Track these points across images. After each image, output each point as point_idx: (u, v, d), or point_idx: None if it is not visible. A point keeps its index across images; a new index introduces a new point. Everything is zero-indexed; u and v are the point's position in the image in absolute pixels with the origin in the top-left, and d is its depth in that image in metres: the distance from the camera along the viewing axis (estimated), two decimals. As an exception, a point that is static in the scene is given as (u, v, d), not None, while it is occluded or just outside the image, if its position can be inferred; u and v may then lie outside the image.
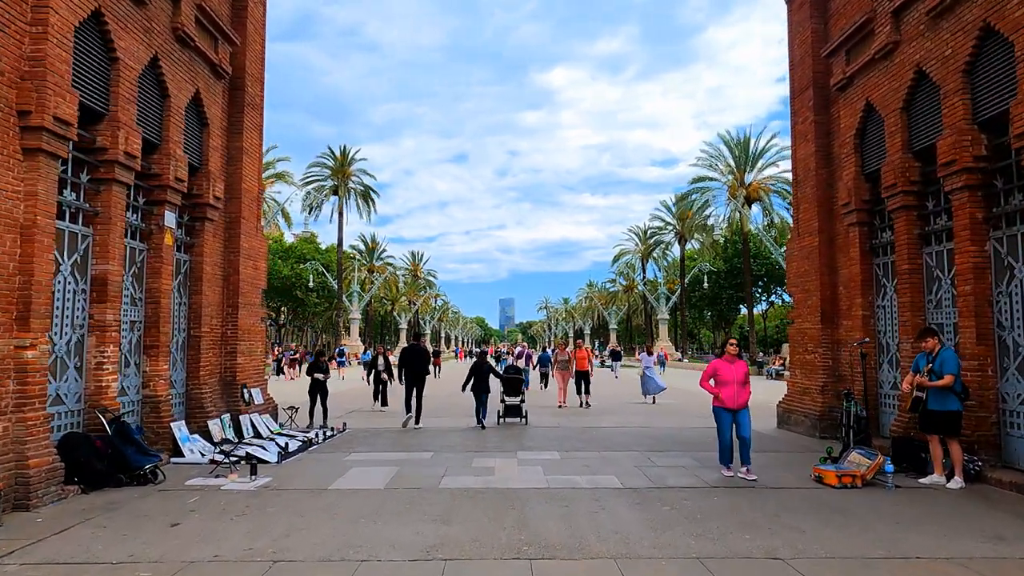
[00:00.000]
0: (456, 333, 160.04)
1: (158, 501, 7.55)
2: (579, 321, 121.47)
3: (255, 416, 12.93)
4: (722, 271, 71.52)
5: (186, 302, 11.66)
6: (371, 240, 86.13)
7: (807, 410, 13.17)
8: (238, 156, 13.16)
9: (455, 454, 10.78)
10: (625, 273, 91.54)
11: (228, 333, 12.90)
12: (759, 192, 46.90)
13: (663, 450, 11.11)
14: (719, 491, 8.09)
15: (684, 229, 64.67)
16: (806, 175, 13.65)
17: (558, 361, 19.89)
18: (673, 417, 16.32)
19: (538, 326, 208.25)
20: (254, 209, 13.79)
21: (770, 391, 26.08)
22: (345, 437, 12.80)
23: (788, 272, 14.62)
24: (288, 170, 49.19)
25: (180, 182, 10.60)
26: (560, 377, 19.38)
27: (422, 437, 12.71)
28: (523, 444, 11.85)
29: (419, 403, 14.16)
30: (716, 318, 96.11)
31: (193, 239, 11.78)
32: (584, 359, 19.45)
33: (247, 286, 13.36)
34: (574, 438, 12.59)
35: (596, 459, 10.24)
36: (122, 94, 9.02)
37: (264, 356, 14.45)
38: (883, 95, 11.01)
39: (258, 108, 14.02)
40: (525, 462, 9.99)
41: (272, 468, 9.62)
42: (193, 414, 11.51)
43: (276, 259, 75.47)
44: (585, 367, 19.29)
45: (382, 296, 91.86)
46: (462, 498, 7.67)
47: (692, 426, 14.45)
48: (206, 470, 9.25)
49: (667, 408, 18.87)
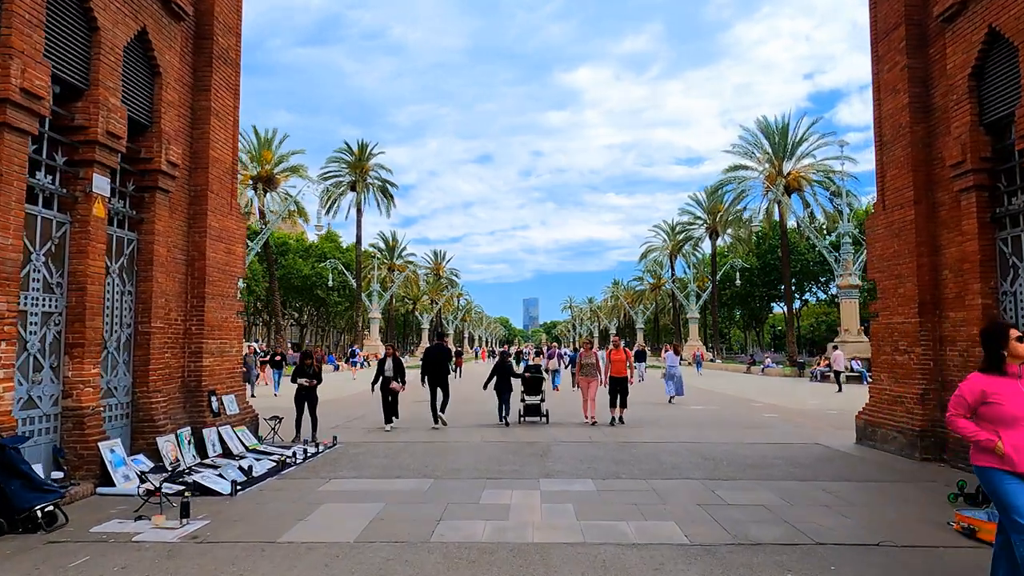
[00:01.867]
0: (480, 333, 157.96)
1: (30, 564, 5.33)
2: (604, 321, 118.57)
3: (226, 430, 10.74)
4: (755, 268, 68.37)
5: (132, 291, 9.49)
6: (392, 238, 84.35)
7: (900, 424, 10.61)
8: (204, 118, 10.99)
9: (461, 482, 8.44)
10: (653, 271, 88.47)
11: (192, 329, 10.73)
12: (799, 181, 43.87)
13: (729, 477, 8.65)
14: (831, 552, 5.62)
15: (716, 223, 61.76)
16: (896, 134, 11.08)
17: (582, 365, 15.33)
18: (725, 430, 13.80)
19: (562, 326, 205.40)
20: (227, 183, 11.60)
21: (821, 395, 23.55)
22: (331, 455, 10.54)
23: (870, 255, 12.04)
24: (303, 163, 47.37)
25: (115, 139, 8.41)
26: (586, 387, 14.97)
27: (424, 456, 10.40)
28: (547, 467, 9.47)
29: (445, 398, 14.27)
30: (747, 317, 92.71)
31: (142, 214, 9.60)
32: (622, 362, 14.88)
33: (217, 273, 11.19)
34: (610, 458, 10.18)
35: (644, 492, 7.82)
36: (16, 13, 6.84)
37: (241, 357, 12.27)
38: (1018, 15, 8.43)
39: (232, 64, 11.84)
40: (551, 496, 7.62)
41: (220, 503, 7.39)
42: (140, 429, 9.34)
43: (296, 258, 74.27)
44: (623, 372, 14.78)
45: (403, 296, 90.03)
46: (460, 564, 5.33)
47: (751, 441, 11.96)
48: (135, 505, 7.05)
49: (713, 417, 16.34)
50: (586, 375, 15.17)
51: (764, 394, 24.65)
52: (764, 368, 43.24)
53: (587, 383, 15.04)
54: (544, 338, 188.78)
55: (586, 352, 15.84)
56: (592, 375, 15.05)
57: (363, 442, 11.87)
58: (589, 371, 15.19)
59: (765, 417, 16.33)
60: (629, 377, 15.22)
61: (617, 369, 14.77)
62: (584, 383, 15.12)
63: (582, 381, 15.22)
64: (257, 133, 46.38)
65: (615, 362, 14.81)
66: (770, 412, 17.64)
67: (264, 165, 45.33)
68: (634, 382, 14.94)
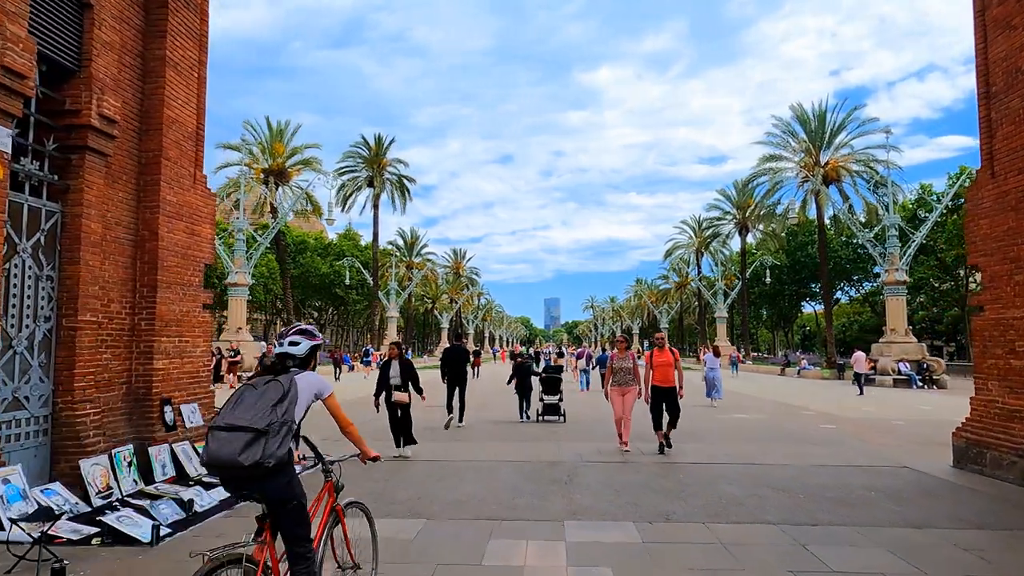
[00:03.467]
0: (501, 332, 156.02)
1: None
2: (627, 320, 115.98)
3: (183, 447, 8.84)
4: (784, 265, 65.54)
5: (54, 275, 7.60)
6: (410, 235, 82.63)
7: (1022, 447, 8.37)
8: (158, 69, 9.09)
9: (461, 525, 6.42)
10: (678, 269, 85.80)
11: (141, 325, 8.84)
12: (838, 172, 41.17)
13: (816, 521, 6.50)
14: None
15: (746, 218, 59.12)
16: (1011, 81, 8.83)
17: (615, 371, 11.19)
18: (784, 446, 11.62)
19: (584, 326, 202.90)
20: (188, 150, 9.70)
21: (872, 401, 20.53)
22: (308, 479, 8.55)
23: (972, 235, 9.78)
24: (317, 156, 45.64)
25: (17, 78, 6.52)
26: (619, 400, 11.04)
27: (422, 481, 8.40)
28: (574, 500, 7.40)
29: (462, 402, 13.92)
30: (775, 317, 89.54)
31: (68, 180, 7.70)
32: (668, 367, 10.79)
33: (175, 258, 9.29)
34: (652, 487, 8.08)
35: (707, 546, 5.72)
36: None
37: (209, 357, 10.37)
38: None
39: (196, 9, 9.93)
40: (580, 551, 5.55)
41: (131, 558, 5.46)
42: (63, 449, 7.44)
43: (315, 256, 72.95)
44: (670, 380, 10.80)
45: (422, 295, 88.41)
46: None
47: (821, 462, 9.78)
48: (20, 557, 5.14)
49: (764, 429, 14.13)
50: (620, 384, 11.09)
51: (810, 399, 22.32)
52: (800, 370, 40.70)
53: (620, 394, 11.05)
54: (565, 338, 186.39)
55: (620, 353, 11.41)
56: (628, 384, 11.05)
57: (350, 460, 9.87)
58: (623, 378, 11.10)
59: (824, 429, 14.09)
60: (679, 386, 10.94)
61: (662, 376, 10.75)
62: (616, 395, 11.08)
63: (614, 393, 11.10)
64: (270, 124, 44.81)
65: (659, 367, 10.78)
66: (826, 422, 15.39)
67: (276, 158, 43.75)
68: (684, 394, 11.08)
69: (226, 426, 3.23)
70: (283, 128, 45.16)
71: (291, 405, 3.35)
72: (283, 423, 3.28)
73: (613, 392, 11.15)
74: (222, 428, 3.23)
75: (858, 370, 26.88)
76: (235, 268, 34.50)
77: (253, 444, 3.17)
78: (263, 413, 3.25)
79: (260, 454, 3.16)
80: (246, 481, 3.25)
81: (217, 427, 3.26)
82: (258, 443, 3.18)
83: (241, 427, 3.19)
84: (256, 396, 3.34)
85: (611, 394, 11.19)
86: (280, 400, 3.32)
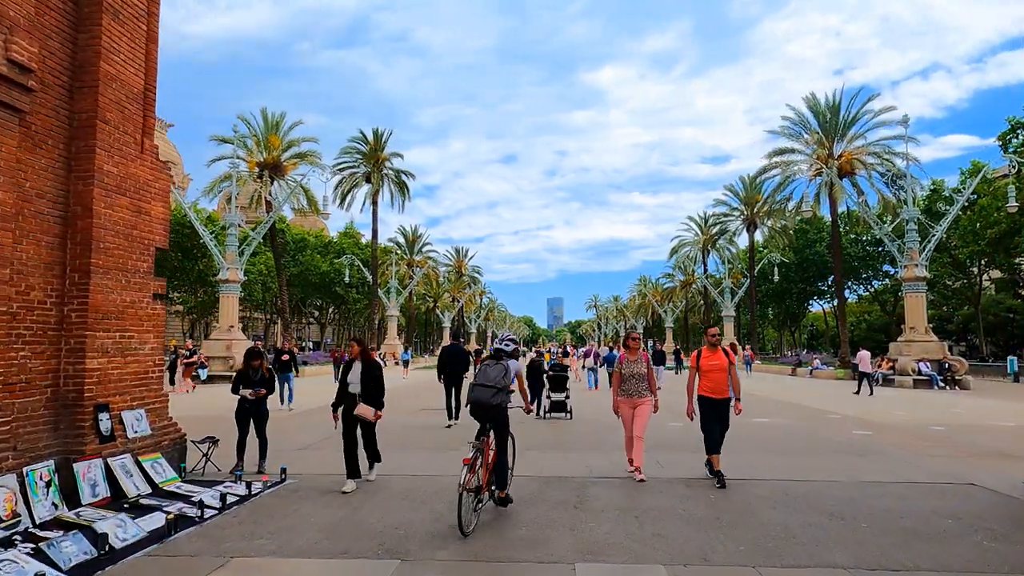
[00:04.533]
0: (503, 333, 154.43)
1: None
2: (631, 320, 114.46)
3: (123, 461, 7.48)
4: (792, 263, 64.04)
5: (-52, 255, 6.23)
6: (412, 233, 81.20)
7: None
8: (94, 16, 7.71)
9: (445, 571, 5.03)
10: (683, 266, 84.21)
11: (72, 317, 7.46)
12: (852, 164, 39.61)
13: (895, 565, 5.08)
14: None
15: (755, 214, 57.62)
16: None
17: (624, 377, 8.58)
18: (822, 458, 10.20)
19: (587, 325, 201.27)
20: (133, 113, 8.31)
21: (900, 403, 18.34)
22: (264, 502, 7.17)
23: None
24: (315, 150, 44.03)
25: None
26: (628, 414, 8.55)
27: (400, 506, 7.00)
28: (585, 531, 5.99)
29: (458, 403, 13.63)
30: (782, 316, 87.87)
31: (-33, 139, 6.33)
32: (721, 372, 8.15)
33: (115, 238, 7.91)
34: (683, 513, 6.65)
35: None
36: None
37: (161, 356, 8.97)
38: None
39: (145, -49, 8.56)
40: (598, 613, 4.16)
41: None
42: (-42, 467, 6.07)
43: (315, 254, 71.59)
44: (724, 390, 8.15)
45: (424, 293, 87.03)
46: None
47: (873, 478, 8.35)
48: None
49: (792, 436, 12.72)
50: (629, 394, 8.47)
51: (832, 402, 20.88)
52: (812, 370, 39.21)
53: (630, 407, 8.48)
54: (568, 337, 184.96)
55: (631, 355, 8.60)
56: (640, 395, 8.42)
57: (322, 475, 8.49)
58: (635, 387, 8.44)
59: (858, 436, 12.66)
60: (735, 397, 8.29)
61: (715, 383, 8.06)
62: (626, 407, 8.52)
63: (623, 405, 8.56)
64: (265, 116, 43.25)
65: (710, 372, 8.10)
66: (858, 428, 13.95)
67: (271, 151, 42.31)
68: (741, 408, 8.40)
69: (482, 384, 6.51)
70: (279, 120, 43.72)
71: (507, 375, 6.61)
72: (504, 385, 6.55)
73: (622, 404, 8.56)
74: (480, 385, 6.52)
75: (863, 369, 25.86)
76: (227, 264, 33.12)
77: (497, 394, 6.47)
78: (499, 378, 6.53)
79: (498, 400, 6.47)
80: (489, 411, 6.46)
81: (477, 384, 6.54)
82: (498, 394, 6.47)
83: (489, 385, 6.48)
84: (495, 370, 6.60)
85: (619, 406, 8.61)
86: (505, 373, 6.59)
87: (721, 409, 8.10)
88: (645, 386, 8.50)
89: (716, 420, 8.04)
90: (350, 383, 8.07)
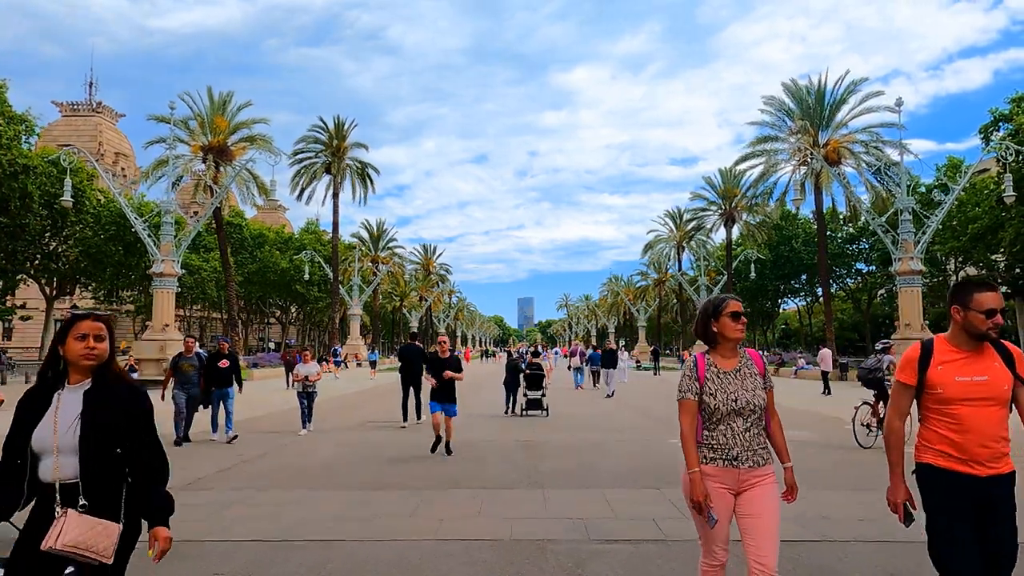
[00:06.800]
0: (473, 332, 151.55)
1: None
2: (603, 319, 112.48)
3: None
4: (768, 261, 62.43)
5: None
6: (376, 228, 77.65)
7: None
8: None
9: None
10: (657, 264, 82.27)
11: None
12: (839, 152, 37.58)
13: None
14: None
15: (733, 208, 55.66)
16: None
17: (712, 418, 3.38)
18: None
19: (558, 325, 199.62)
20: None
21: None
22: None
23: None
24: (266, 134, 40.52)
25: None
26: (725, 509, 3.27)
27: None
28: None
29: (418, 401, 13.76)
30: (756, 315, 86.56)
31: None
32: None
33: None
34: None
35: None
36: None
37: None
38: None
39: None
40: None
41: None
42: None
43: (274, 250, 67.68)
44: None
45: (390, 292, 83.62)
46: None
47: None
48: None
49: (831, 457, 10.11)
50: (731, 459, 3.30)
51: (833, 406, 18.38)
52: (797, 370, 37.10)
53: (731, 493, 3.33)
54: (539, 338, 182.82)
55: (727, 358, 3.44)
56: (760, 463, 3.34)
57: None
58: (752, 443, 3.35)
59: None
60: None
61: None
62: (721, 495, 3.28)
63: (715, 488, 3.27)
64: (211, 96, 39.68)
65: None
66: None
67: (217, 134, 38.79)
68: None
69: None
70: (226, 100, 40.20)
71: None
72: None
73: (714, 487, 3.29)
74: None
75: (824, 368, 25.55)
76: (161, 256, 29.66)
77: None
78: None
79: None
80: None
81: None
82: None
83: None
84: None
85: (706, 492, 3.27)
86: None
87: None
88: (763, 439, 3.44)
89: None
90: (40, 452, 2.56)
